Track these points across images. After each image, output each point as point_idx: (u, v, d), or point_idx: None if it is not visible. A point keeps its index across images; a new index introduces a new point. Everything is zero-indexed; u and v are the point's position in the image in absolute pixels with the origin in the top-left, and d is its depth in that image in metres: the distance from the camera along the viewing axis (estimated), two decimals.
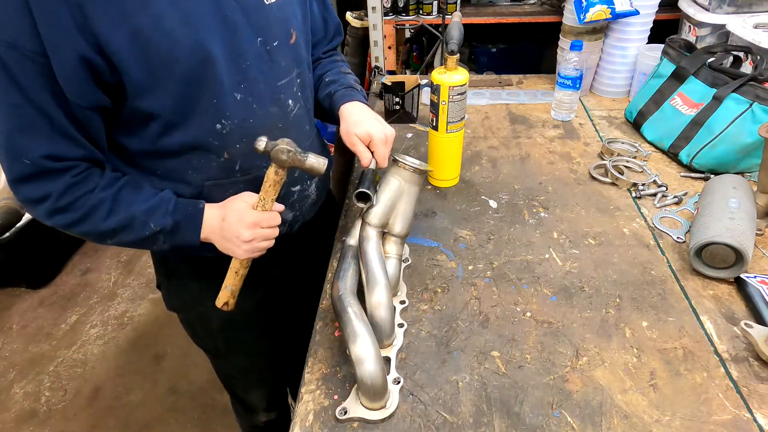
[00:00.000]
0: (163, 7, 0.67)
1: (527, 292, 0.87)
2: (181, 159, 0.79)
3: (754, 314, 0.80)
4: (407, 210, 0.83)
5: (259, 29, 0.77)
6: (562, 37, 1.49)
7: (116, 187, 0.75)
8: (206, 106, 0.75)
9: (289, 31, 0.83)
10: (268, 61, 0.80)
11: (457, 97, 1.01)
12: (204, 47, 0.71)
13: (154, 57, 0.68)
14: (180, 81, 0.71)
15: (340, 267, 0.80)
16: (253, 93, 0.79)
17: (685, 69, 1.20)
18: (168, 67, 0.69)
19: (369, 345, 0.66)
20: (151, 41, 0.67)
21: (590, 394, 0.70)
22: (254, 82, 0.79)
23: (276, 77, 0.82)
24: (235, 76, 0.76)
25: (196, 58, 0.71)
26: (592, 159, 1.23)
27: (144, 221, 0.76)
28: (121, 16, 0.64)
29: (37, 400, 1.88)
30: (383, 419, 0.67)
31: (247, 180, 0.85)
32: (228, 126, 0.78)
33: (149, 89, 0.70)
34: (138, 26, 0.66)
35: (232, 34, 0.74)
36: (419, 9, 1.84)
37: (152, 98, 0.71)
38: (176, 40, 0.69)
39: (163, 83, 0.71)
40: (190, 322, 1.05)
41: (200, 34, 0.71)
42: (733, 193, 0.92)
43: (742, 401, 0.69)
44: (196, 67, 0.71)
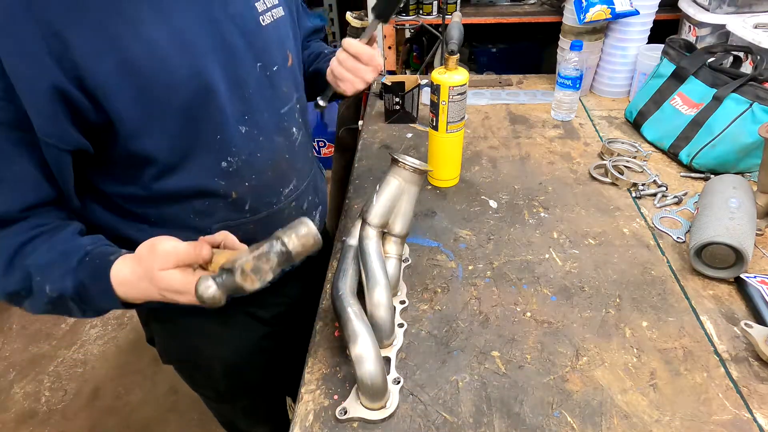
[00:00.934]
0: (156, 32, 0.59)
1: (527, 292, 0.87)
2: (182, 204, 0.71)
3: (754, 314, 0.80)
4: (407, 210, 0.83)
5: (258, 53, 0.70)
6: (562, 37, 1.49)
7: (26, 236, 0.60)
8: (209, 142, 0.67)
9: (286, 53, 0.77)
10: (270, 88, 0.74)
11: (457, 97, 1.01)
12: (203, 75, 0.63)
13: (148, 89, 0.60)
14: (179, 116, 0.63)
15: (340, 267, 0.80)
16: (258, 124, 0.73)
17: (685, 69, 1.20)
18: (164, 100, 0.61)
19: (369, 345, 0.66)
20: (143, 71, 0.58)
21: (590, 394, 0.70)
22: (258, 111, 0.72)
23: (279, 104, 0.76)
24: (238, 107, 0.69)
25: (196, 88, 0.63)
26: (592, 159, 1.23)
27: (40, 282, 0.59)
28: (107, 42, 0.56)
29: (37, 400, 1.88)
30: (383, 419, 0.67)
31: (258, 220, 0.79)
32: (235, 163, 0.71)
33: (144, 128, 0.61)
34: (128, 54, 0.57)
35: (231, 60, 0.67)
36: (419, 9, 1.84)
37: (147, 138, 0.62)
38: (172, 68, 0.60)
39: (159, 120, 0.62)
40: (188, 372, 0.99)
41: (199, 60, 0.63)
42: (733, 193, 0.92)
43: (742, 401, 0.69)
44: (196, 98, 0.63)
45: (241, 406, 1.08)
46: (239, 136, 0.70)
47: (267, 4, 0.73)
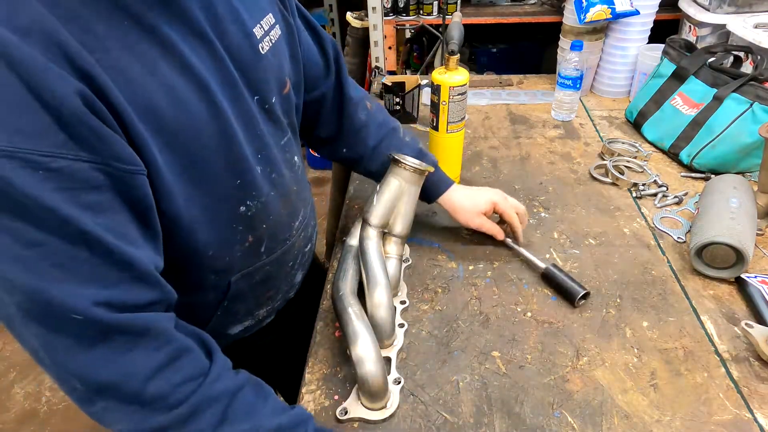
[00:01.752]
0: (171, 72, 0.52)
1: (528, 292, 0.87)
2: (204, 264, 0.64)
3: (754, 314, 0.80)
4: (408, 210, 0.83)
5: (255, 86, 0.64)
6: (563, 37, 1.49)
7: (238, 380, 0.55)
8: (230, 188, 0.62)
9: (284, 80, 0.71)
10: (269, 121, 0.68)
11: (458, 98, 1.01)
12: (222, 116, 0.57)
13: (173, 137, 0.53)
14: (203, 164, 0.57)
15: (340, 267, 0.80)
16: (270, 161, 0.68)
17: (686, 69, 1.20)
18: (189, 149, 0.55)
19: (369, 345, 0.66)
20: (165, 117, 0.51)
21: (591, 394, 0.70)
22: (268, 147, 0.67)
23: (279, 137, 0.71)
24: (254, 146, 0.64)
25: (217, 130, 0.57)
26: (592, 159, 1.23)
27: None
28: (128, 88, 0.48)
29: (37, 401, 1.88)
30: (384, 419, 0.67)
31: (273, 260, 0.74)
32: (253, 207, 0.66)
33: (176, 181, 0.54)
34: (150, 99, 0.50)
35: (238, 97, 0.60)
36: (419, 9, 1.84)
37: (179, 193, 0.55)
38: (193, 111, 0.54)
39: (187, 170, 0.55)
40: None
41: (214, 100, 0.56)
42: (734, 193, 0.92)
43: (743, 401, 0.69)
44: (217, 142, 0.57)
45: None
46: (258, 177, 0.65)
47: (265, 27, 0.65)
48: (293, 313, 0.92)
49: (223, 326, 0.77)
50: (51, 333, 0.46)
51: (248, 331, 0.82)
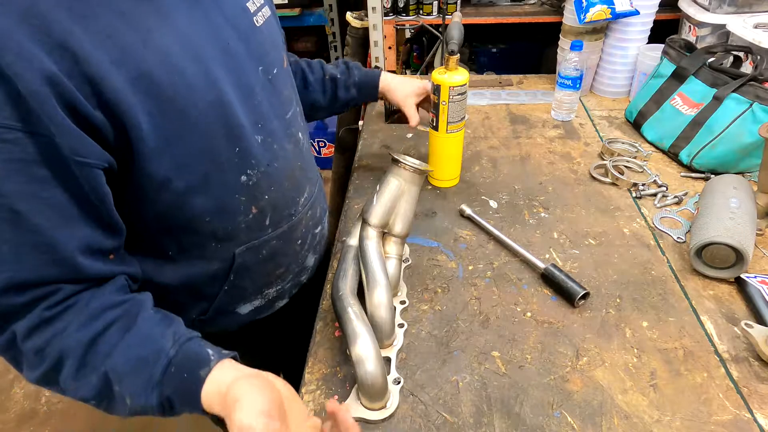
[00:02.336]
0: (166, 40, 0.54)
1: (527, 292, 0.87)
2: (202, 230, 0.66)
3: (754, 314, 0.80)
4: (407, 210, 0.83)
5: (258, 57, 0.66)
6: (562, 37, 1.49)
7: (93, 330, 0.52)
8: (228, 156, 0.63)
9: (281, 55, 0.74)
10: (273, 93, 0.70)
11: (458, 97, 1.01)
12: (218, 84, 0.59)
13: (167, 103, 0.55)
14: (198, 129, 0.58)
15: (340, 267, 0.80)
16: (271, 133, 0.69)
17: (686, 69, 1.20)
18: (183, 114, 0.56)
19: (369, 345, 0.66)
20: (160, 83, 0.53)
21: (590, 395, 0.70)
22: (268, 119, 0.69)
23: (283, 110, 0.73)
24: (252, 115, 0.65)
25: (212, 99, 0.59)
26: (592, 159, 1.23)
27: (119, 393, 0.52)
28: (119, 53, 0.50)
29: (37, 400, 1.88)
30: (383, 419, 0.67)
31: (279, 234, 0.76)
32: (254, 176, 0.67)
33: (163, 146, 0.56)
34: (143, 66, 0.52)
35: (237, 67, 0.63)
36: (419, 9, 1.84)
37: (168, 159, 0.57)
38: (189, 79, 0.56)
39: (178, 136, 0.57)
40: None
41: (210, 69, 0.58)
42: (734, 193, 0.92)
43: (743, 401, 0.69)
44: (213, 109, 0.59)
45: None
46: (256, 146, 0.67)
47: (257, 4, 0.69)
48: (308, 303, 0.91)
49: (232, 303, 0.77)
50: None
51: (260, 313, 0.83)
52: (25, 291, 0.50)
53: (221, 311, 0.75)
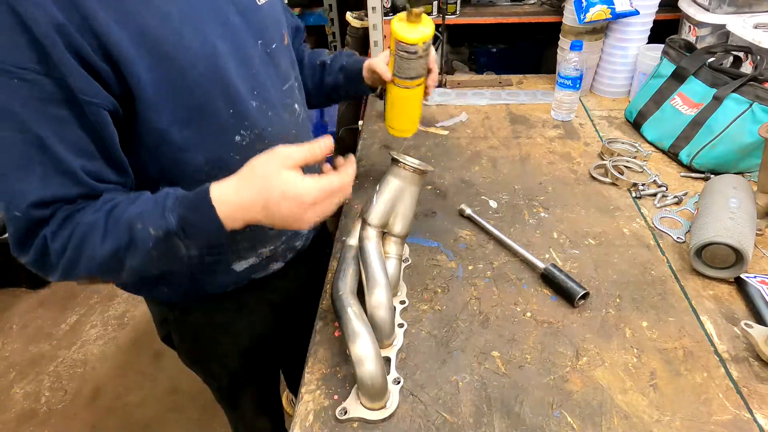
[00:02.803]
0: (167, 8, 0.61)
1: (527, 292, 0.87)
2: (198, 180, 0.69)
3: (754, 314, 0.80)
4: (407, 210, 0.83)
5: (258, 31, 0.74)
6: (562, 37, 1.49)
7: (109, 205, 0.61)
8: (224, 116, 0.69)
9: (282, 32, 0.81)
10: (271, 65, 0.77)
11: (405, 54, 0.87)
12: (215, 49, 0.66)
13: (165, 61, 0.61)
14: (194, 89, 0.65)
15: (340, 267, 0.80)
16: (266, 100, 0.75)
17: (685, 69, 1.20)
18: (180, 73, 0.63)
19: (369, 345, 0.66)
20: (160, 43, 0.60)
21: (590, 394, 0.70)
22: (264, 87, 0.75)
23: (281, 81, 0.79)
24: (248, 82, 0.72)
25: (209, 63, 0.65)
26: (592, 159, 1.23)
27: (142, 229, 0.60)
28: (124, 15, 0.57)
29: (37, 401, 1.88)
30: (383, 419, 0.67)
31: None
32: (248, 136, 0.73)
33: (160, 100, 0.62)
34: (144, 26, 0.59)
35: (235, 37, 0.70)
36: None
37: (166, 111, 0.64)
38: (187, 42, 0.63)
39: (175, 92, 0.63)
40: (203, 365, 1.01)
41: (209, 36, 0.65)
42: (733, 193, 0.92)
43: (743, 401, 0.69)
44: (208, 72, 0.65)
45: (249, 393, 1.09)
46: (251, 109, 0.73)
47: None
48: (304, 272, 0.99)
49: (228, 258, 0.82)
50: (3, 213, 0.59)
51: (254, 271, 0.86)
52: (50, 205, 0.59)
53: (218, 267, 0.81)
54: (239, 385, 1.06)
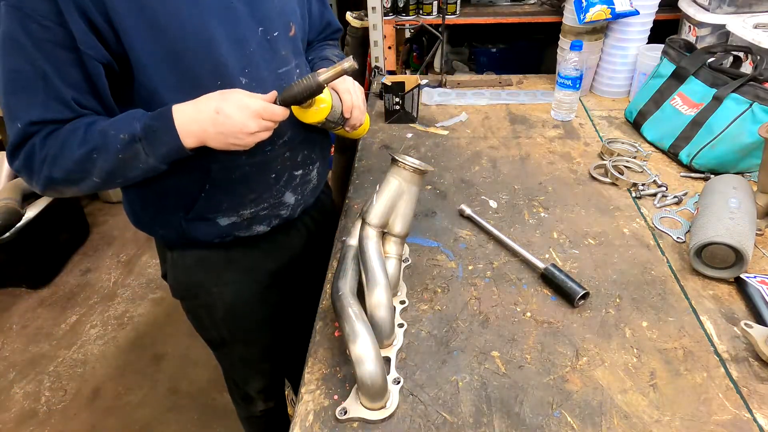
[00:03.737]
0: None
1: (527, 292, 0.87)
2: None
3: (754, 314, 0.80)
4: (407, 210, 0.83)
5: (260, 19, 0.81)
6: (562, 37, 1.49)
7: (89, 119, 0.74)
8: (210, 86, 0.76)
9: (288, 24, 0.87)
10: (270, 50, 0.84)
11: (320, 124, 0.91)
12: (208, 28, 0.75)
13: (160, 32, 0.71)
14: (185, 58, 0.74)
15: (340, 267, 0.80)
16: (257, 79, 0.82)
17: (685, 69, 1.20)
18: (173, 44, 0.72)
19: (369, 345, 0.66)
20: (157, 18, 0.70)
21: (590, 394, 0.70)
22: (257, 68, 0.82)
23: (277, 65, 0.86)
24: (240, 61, 0.80)
25: (201, 39, 0.74)
26: (592, 159, 1.23)
27: (114, 134, 0.72)
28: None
29: (37, 400, 1.88)
30: (383, 419, 0.67)
31: (252, 164, 0.87)
32: None
33: (154, 64, 0.72)
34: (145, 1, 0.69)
35: (234, 21, 0.78)
36: (419, 9, 1.84)
37: (157, 74, 0.74)
38: (182, 18, 0.72)
39: (168, 59, 0.73)
40: (195, 312, 1.06)
41: (205, 16, 0.74)
42: (733, 193, 0.92)
43: (742, 401, 0.69)
44: (200, 47, 0.74)
45: (238, 353, 1.14)
46: (239, 85, 0.80)
47: None
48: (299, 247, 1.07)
49: (210, 212, 0.89)
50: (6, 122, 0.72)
51: (237, 229, 0.93)
52: (46, 125, 0.71)
53: (202, 217, 0.89)
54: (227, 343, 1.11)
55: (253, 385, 1.22)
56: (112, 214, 2.83)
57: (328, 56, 1.04)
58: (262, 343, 1.13)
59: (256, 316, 1.07)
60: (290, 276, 1.09)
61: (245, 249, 0.98)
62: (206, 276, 0.99)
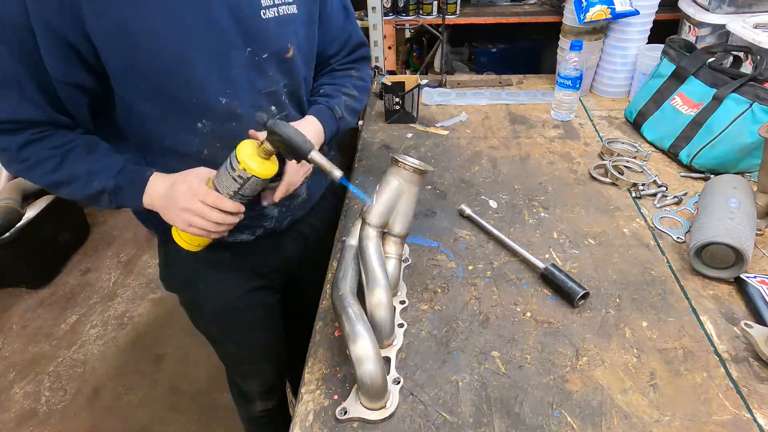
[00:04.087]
0: (152, 5, 0.69)
1: (527, 292, 0.87)
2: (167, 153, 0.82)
3: (754, 314, 0.80)
4: (407, 210, 0.83)
5: (249, 39, 0.78)
6: (562, 37, 1.49)
7: (68, 146, 0.77)
8: (186, 103, 0.77)
9: (285, 47, 0.83)
10: (255, 70, 0.81)
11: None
12: (186, 49, 0.73)
13: (136, 50, 0.70)
14: (160, 75, 0.73)
15: (340, 267, 0.80)
16: (238, 97, 0.80)
17: (685, 69, 1.20)
18: (149, 62, 0.72)
19: (369, 345, 0.66)
20: (134, 35, 0.69)
21: (590, 394, 0.70)
22: (240, 88, 0.80)
23: (262, 85, 0.83)
24: (221, 81, 0.78)
25: (176, 58, 0.73)
26: (592, 159, 1.23)
27: (87, 181, 0.77)
28: (108, 6, 0.67)
29: (37, 400, 1.88)
30: (383, 419, 0.67)
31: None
32: (208, 126, 0.80)
33: (129, 80, 0.73)
34: (123, 19, 0.68)
35: (218, 40, 0.75)
36: (419, 9, 1.84)
37: (134, 89, 0.74)
38: (159, 38, 0.71)
39: (145, 76, 0.73)
40: (187, 305, 1.07)
41: (182, 35, 0.72)
42: (733, 193, 0.92)
43: (742, 401, 0.69)
44: (175, 66, 0.73)
45: (231, 353, 1.15)
46: (218, 105, 0.79)
47: (276, 1, 0.80)
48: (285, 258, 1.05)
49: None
50: None
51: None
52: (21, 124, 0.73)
53: None
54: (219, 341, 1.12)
55: (251, 384, 1.22)
56: (112, 214, 2.83)
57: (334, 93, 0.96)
58: (253, 344, 1.13)
59: (248, 315, 1.06)
60: (286, 278, 1.09)
61: (234, 251, 0.97)
62: (194, 273, 0.99)
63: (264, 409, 1.27)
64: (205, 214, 0.76)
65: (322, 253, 1.03)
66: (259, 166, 0.76)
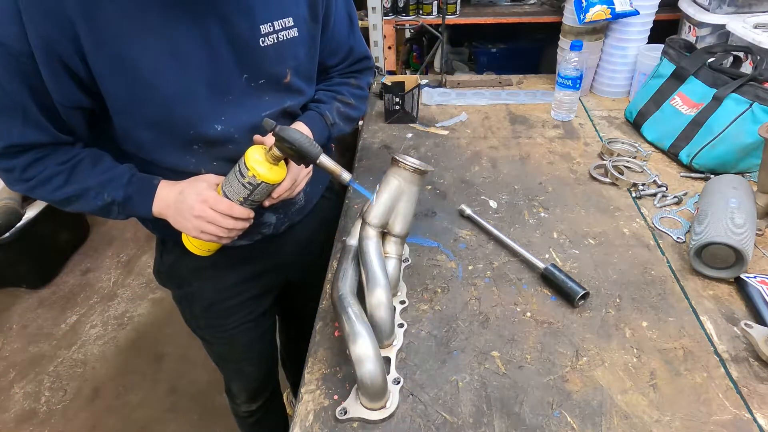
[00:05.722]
0: (153, 38, 0.69)
1: (527, 292, 0.87)
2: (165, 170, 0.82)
3: (754, 314, 0.80)
4: (407, 210, 0.83)
5: (245, 67, 0.78)
6: (562, 37, 1.49)
7: (74, 161, 0.77)
8: (183, 131, 0.78)
9: (283, 72, 0.83)
10: (252, 96, 0.81)
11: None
12: (187, 81, 0.73)
13: (135, 82, 0.70)
14: (159, 106, 0.74)
15: (340, 267, 0.80)
16: (234, 123, 0.81)
17: (685, 69, 1.20)
18: (148, 93, 0.72)
19: (369, 345, 0.66)
20: (134, 67, 0.69)
21: (590, 394, 0.70)
22: (236, 114, 0.80)
23: (259, 110, 0.83)
24: (216, 109, 0.78)
25: (177, 90, 0.73)
26: (592, 159, 1.23)
27: (98, 192, 0.78)
28: (109, 38, 0.67)
29: (37, 400, 1.88)
30: (383, 419, 0.67)
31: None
32: (203, 147, 0.81)
33: (128, 110, 0.73)
34: (124, 52, 0.68)
35: (216, 69, 0.75)
36: (419, 9, 1.84)
37: (132, 118, 0.75)
38: (160, 70, 0.71)
39: (143, 106, 0.73)
40: (179, 302, 1.08)
41: (185, 67, 0.73)
42: (733, 193, 0.92)
43: (742, 401, 0.69)
44: (175, 97, 0.74)
45: (219, 353, 1.16)
46: (213, 132, 0.80)
47: (275, 27, 0.79)
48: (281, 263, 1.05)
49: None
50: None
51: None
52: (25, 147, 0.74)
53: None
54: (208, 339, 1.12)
55: (235, 383, 1.22)
56: None
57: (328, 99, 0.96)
58: (239, 345, 1.12)
59: (239, 315, 1.06)
60: (282, 279, 1.09)
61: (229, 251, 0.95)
62: (187, 269, 0.99)
63: (248, 410, 1.27)
64: (217, 221, 0.77)
65: (320, 253, 1.03)
66: (269, 172, 0.77)
